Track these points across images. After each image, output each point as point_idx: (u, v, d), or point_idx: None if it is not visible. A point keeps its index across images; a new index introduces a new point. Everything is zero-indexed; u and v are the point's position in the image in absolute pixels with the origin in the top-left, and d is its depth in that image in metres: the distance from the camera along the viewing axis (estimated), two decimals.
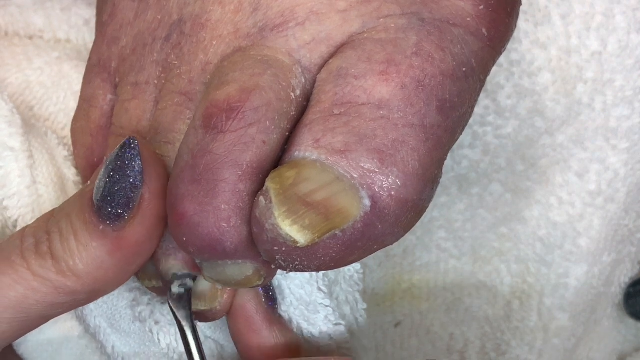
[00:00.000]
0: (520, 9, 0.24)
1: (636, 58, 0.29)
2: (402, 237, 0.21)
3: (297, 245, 0.20)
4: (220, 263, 0.22)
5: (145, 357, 0.28)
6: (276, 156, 0.21)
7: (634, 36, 0.29)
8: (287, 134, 0.21)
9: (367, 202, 0.20)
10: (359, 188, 0.20)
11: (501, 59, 0.29)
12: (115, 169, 0.21)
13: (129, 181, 0.21)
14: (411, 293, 0.35)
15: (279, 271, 0.26)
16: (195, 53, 0.23)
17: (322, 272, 0.27)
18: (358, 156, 0.20)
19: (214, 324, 0.28)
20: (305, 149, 0.20)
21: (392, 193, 0.20)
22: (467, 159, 0.32)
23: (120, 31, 0.26)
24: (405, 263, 0.34)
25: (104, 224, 0.22)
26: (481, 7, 0.22)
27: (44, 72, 0.31)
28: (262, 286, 0.25)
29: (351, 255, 0.21)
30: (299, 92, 0.22)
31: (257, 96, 0.21)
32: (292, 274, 0.26)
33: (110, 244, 0.22)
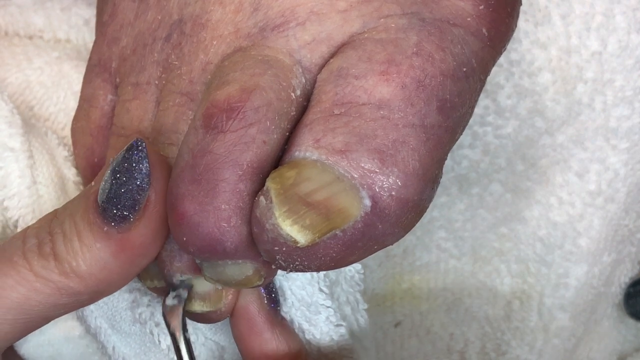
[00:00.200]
0: (520, 8, 0.24)
1: (636, 58, 0.29)
2: (403, 237, 0.21)
3: (298, 245, 0.20)
4: (221, 263, 0.21)
5: (146, 358, 0.28)
6: (276, 156, 0.21)
7: (634, 36, 0.29)
8: (288, 134, 0.21)
9: (367, 202, 0.20)
10: (360, 188, 0.20)
11: (501, 59, 0.29)
12: (122, 170, 0.21)
13: (136, 183, 0.21)
14: (411, 293, 0.35)
15: (280, 272, 0.26)
16: (195, 53, 0.23)
17: (323, 273, 0.27)
18: (358, 156, 0.20)
19: (214, 325, 0.28)
20: (305, 149, 0.20)
21: (393, 193, 0.20)
22: (467, 159, 0.32)
23: (120, 31, 0.26)
24: (405, 263, 0.34)
25: (108, 226, 0.21)
26: (481, 7, 0.22)
27: (44, 72, 0.30)
28: (262, 286, 0.25)
29: (351, 255, 0.21)
30: (299, 92, 0.22)
31: (257, 96, 0.21)
32: (293, 275, 0.26)
33: (114, 245, 0.22)
